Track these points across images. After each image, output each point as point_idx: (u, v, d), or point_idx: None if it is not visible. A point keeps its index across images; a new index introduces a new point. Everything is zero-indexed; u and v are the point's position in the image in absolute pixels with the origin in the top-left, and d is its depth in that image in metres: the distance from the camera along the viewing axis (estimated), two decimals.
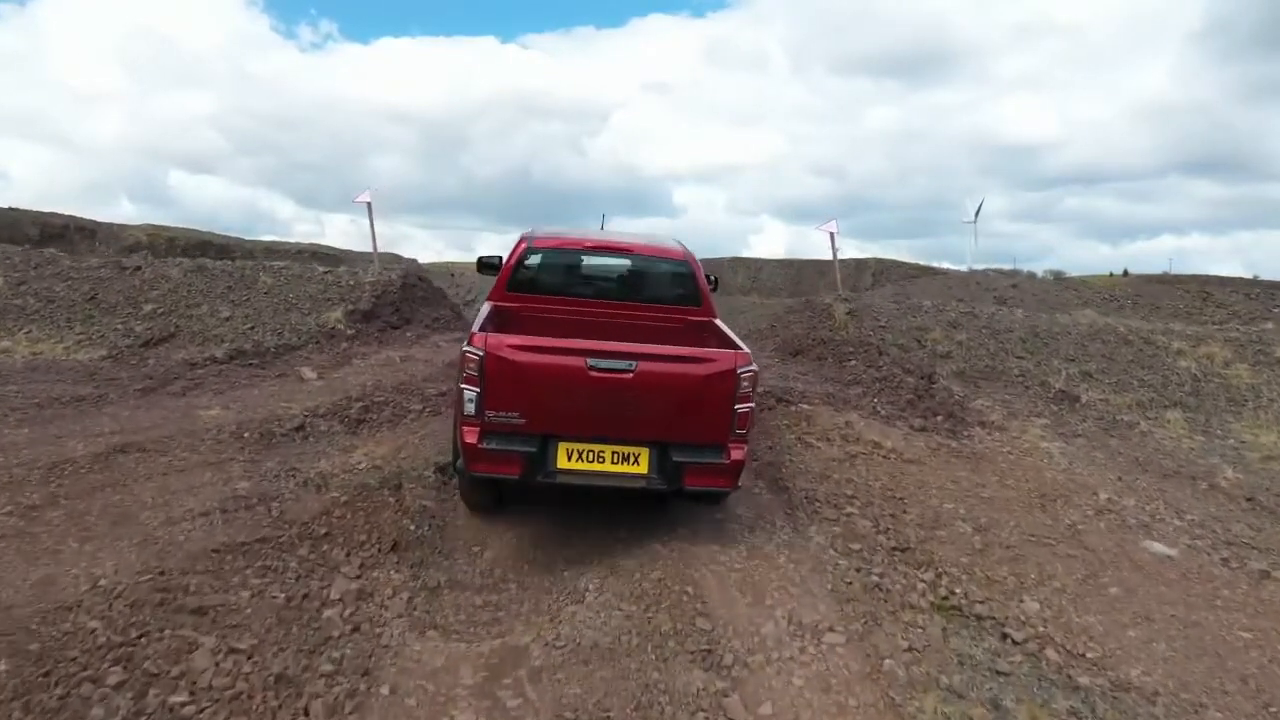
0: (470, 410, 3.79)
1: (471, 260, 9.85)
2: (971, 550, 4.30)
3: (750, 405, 3.93)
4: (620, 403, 3.79)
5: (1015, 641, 3.45)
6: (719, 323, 4.92)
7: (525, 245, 5.13)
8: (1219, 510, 5.26)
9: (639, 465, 3.89)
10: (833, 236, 10.84)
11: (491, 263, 5.65)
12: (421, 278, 11.93)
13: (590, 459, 3.87)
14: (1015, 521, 4.72)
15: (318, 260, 21.42)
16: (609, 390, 3.77)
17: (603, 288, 5.28)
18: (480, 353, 3.76)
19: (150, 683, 2.74)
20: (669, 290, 5.19)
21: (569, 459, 3.87)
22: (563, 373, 3.78)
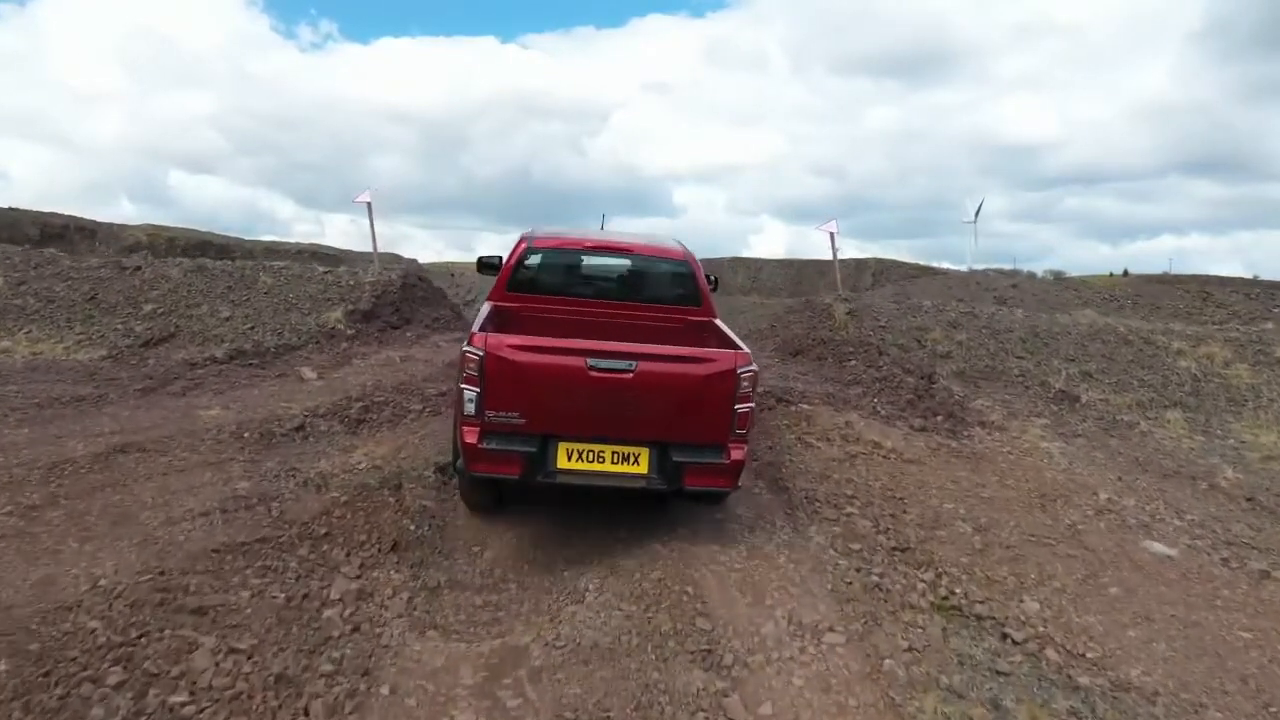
0: (470, 410, 3.79)
1: (471, 260, 9.85)
2: (971, 550, 4.30)
3: (750, 405, 3.93)
4: (620, 403, 3.79)
5: (1015, 641, 3.45)
6: (719, 323, 4.92)
7: (525, 245, 5.12)
8: (1219, 510, 5.26)
9: (639, 465, 3.89)
10: (833, 236, 10.85)
11: (491, 263, 5.64)
12: (421, 278, 11.92)
13: (590, 459, 3.87)
14: (1015, 521, 4.72)
15: (318, 260, 21.42)
16: (609, 390, 3.77)
17: (603, 288, 5.27)
18: (480, 353, 3.76)
19: (150, 683, 2.74)
20: (669, 290, 5.19)
21: (569, 459, 3.87)
22: (563, 373, 3.77)
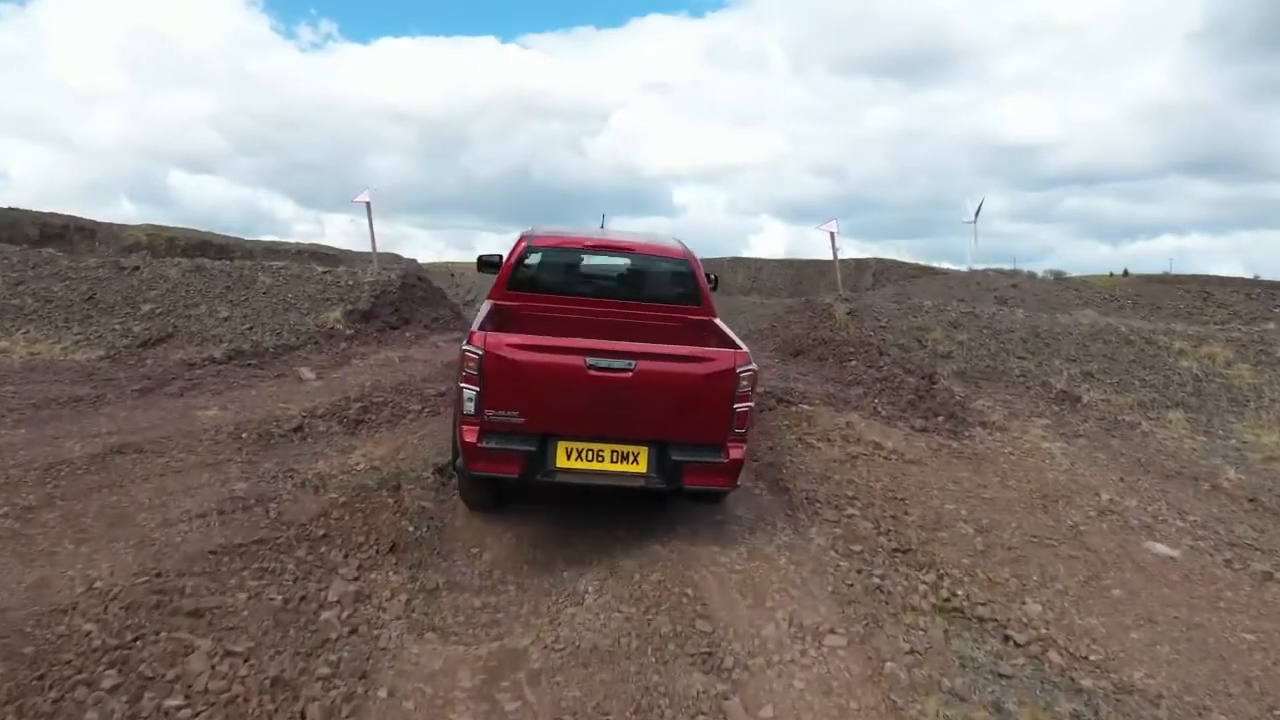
0: (470, 409, 3.79)
1: (471, 260, 9.83)
2: (973, 552, 4.28)
3: (749, 404, 3.93)
4: (619, 402, 3.78)
5: (1018, 644, 3.43)
6: (719, 322, 4.90)
7: (525, 244, 5.11)
8: (1221, 511, 5.24)
9: (638, 464, 3.88)
10: (833, 236, 10.83)
11: (491, 261, 5.64)
12: (421, 277, 11.90)
13: (589, 458, 3.87)
14: (1017, 523, 4.69)
15: (317, 260, 21.39)
16: (608, 389, 3.76)
17: (603, 286, 5.27)
18: (480, 352, 3.75)
19: (145, 686, 2.72)
20: (669, 289, 5.18)
21: (568, 458, 3.86)
22: (562, 372, 3.77)
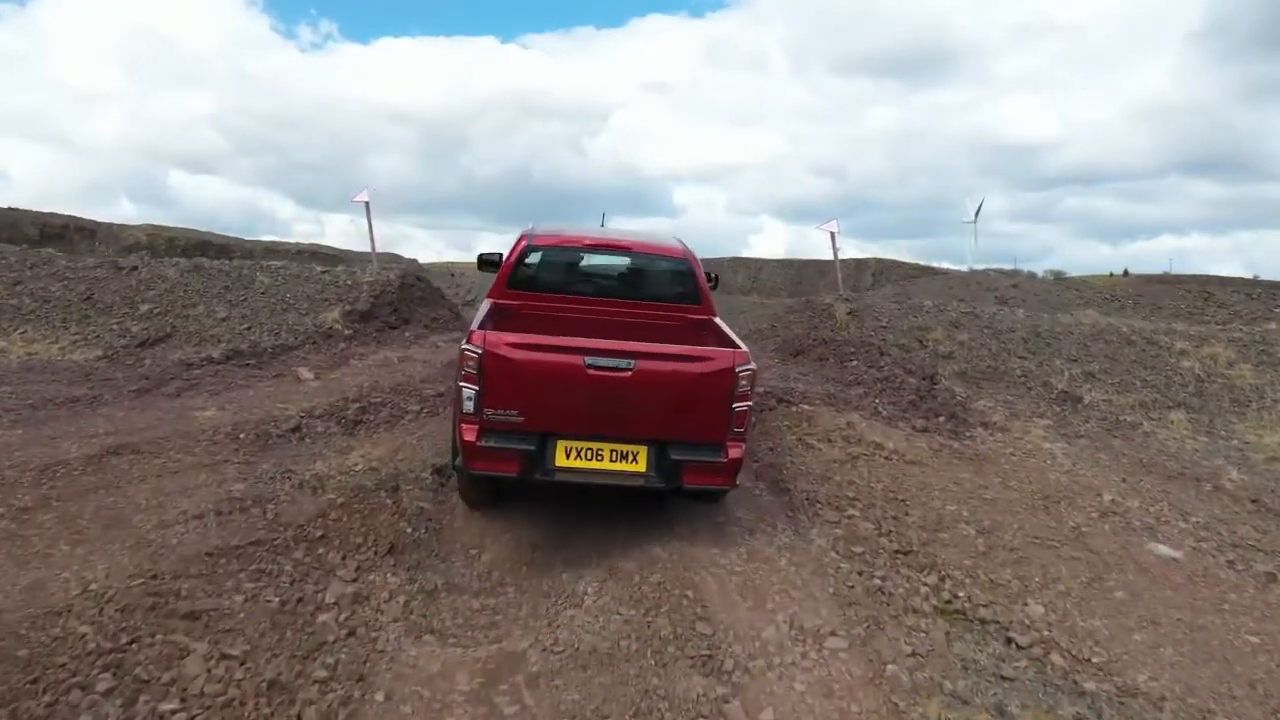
0: (469, 408, 3.79)
1: (471, 260, 9.81)
2: (975, 553, 4.25)
3: (748, 404, 3.93)
4: (618, 401, 3.78)
5: (1020, 646, 3.41)
6: (718, 321, 4.89)
7: (525, 243, 5.09)
8: (1224, 512, 5.21)
9: (637, 463, 3.88)
10: (833, 236, 10.80)
11: (492, 260, 5.63)
12: (420, 277, 11.86)
13: (589, 457, 3.87)
14: (1019, 524, 4.67)
15: (317, 260, 21.37)
16: (607, 389, 3.76)
17: (602, 285, 5.25)
18: (479, 351, 3.76)
19: (140, 689, 2.70)
20: (669, 288, 5.17)
21: (567, 457, 3.86)
22: (561, 371, 3.77)
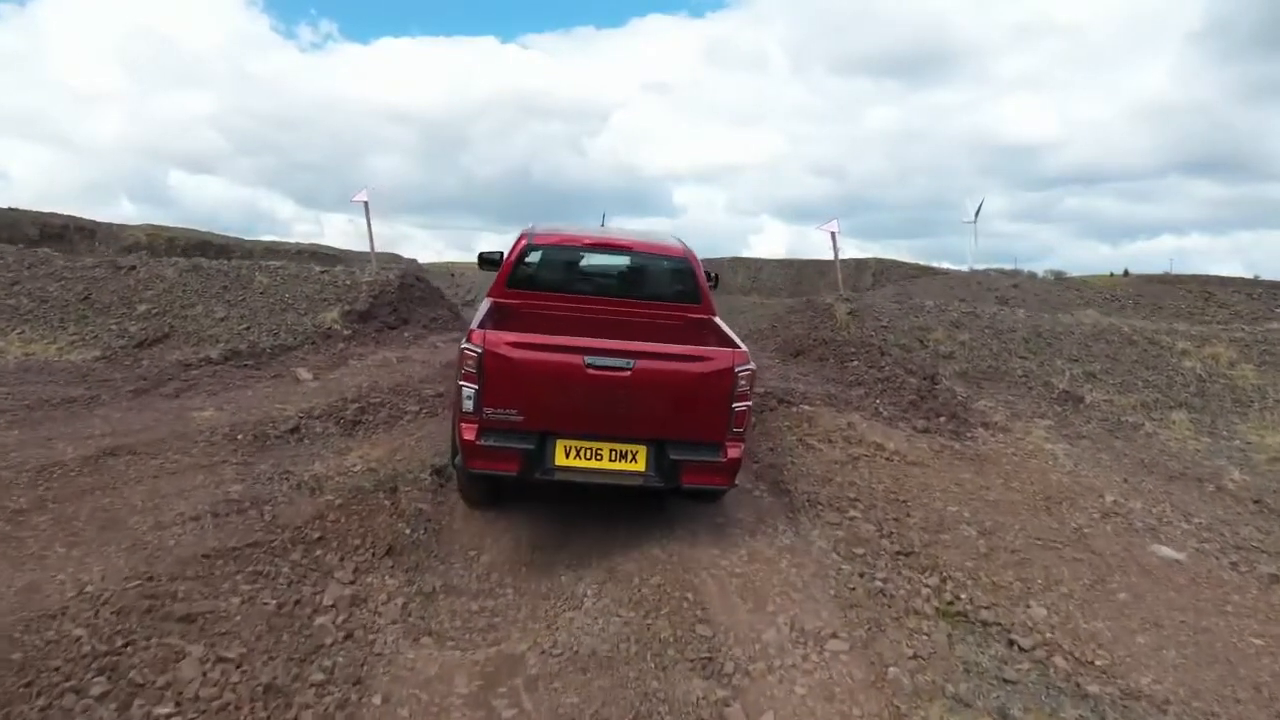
0: (469, 407, 3.79)
1: (471, 260, 9.79)
2: (976, 554, 4.23)
3: (747, 404, 3.93)
4: (618, 400, 3.78)
5: (1022, 648, 3.38)
6: (718, 321, 4.88)
7: (525, 241, 5.08)
8: (1226, 513, 5.19)
9: (636, 463, 3.88)
10: (834, 236, 10.77)
11: (492, 258, 5.62)
12: (419, 277, 11.84)
13: (588, 456, 3.86)
14: (1020, 525, 4.65)
15: (317, 260, 21.35)
16: (607, 388, 3.75)
17: (602, 285, 5.25)
18: (479, 350, 3.75)
19: (135, 693, 2.67)
20: (669, 287, 5.16)
21: (567, 456, 3.86)
22: (561, 370, 3.76)
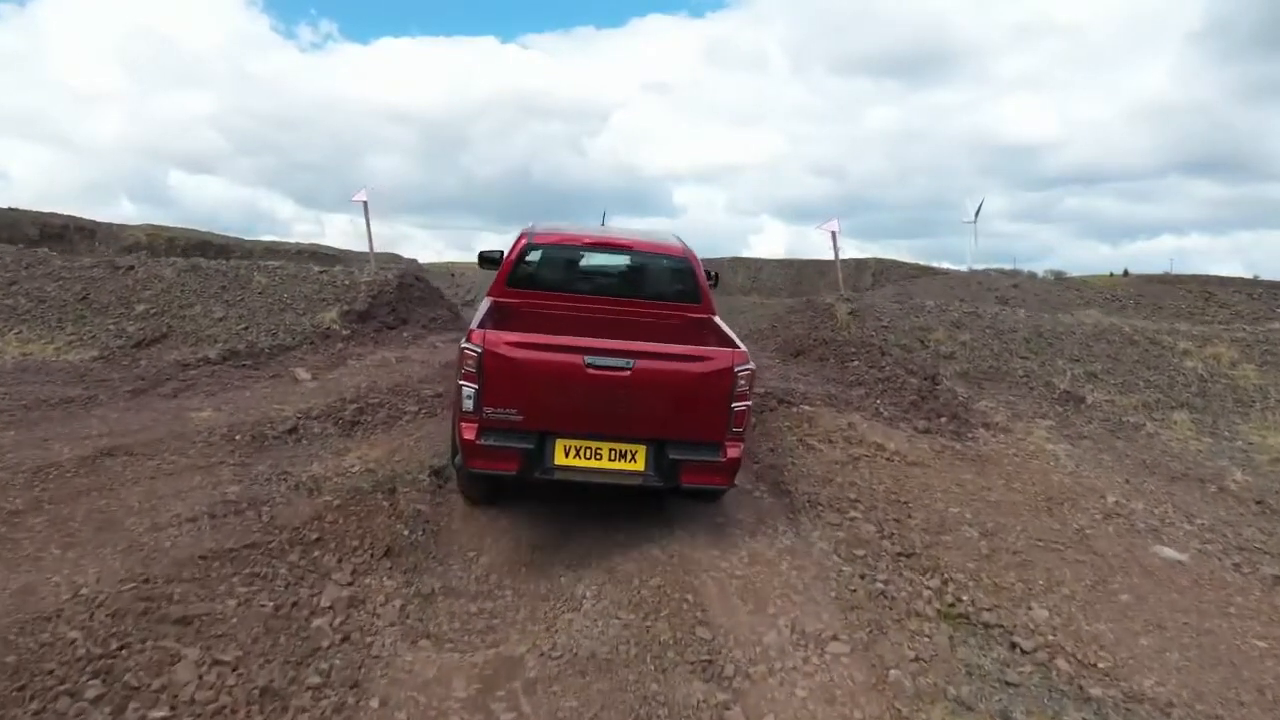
0: (469, 406, 3.80)
1: (471, 260, 9.78)
2: (978, 556, 4.20)
3: (747, 404, 3.93)
4: (617, 400, 3.77)
5: (1024, 651, 3.36)
6: (718, 320, 4.87)
7: (525, 241, 5.07)
8: (1229, 514, 5.17)
9: (636, 462, 3.88)
10: (834, 236, 10.74)
11: (492, 257, 5.62)
12: (419, 277, 11.81)
13: (588, 456, 3.87)
14: (1022, 526, 4.62)
15: (317, 260, 21.31)
16: (606, 388, 3.75)
17: (602, 284, 5.24)
18: (479, 349, 3.76)
19: (130, 696, 2.64)
20: (669, 287, 5.15)
21: (566, 455, 3.86)
22: (561, 370, 3.76)
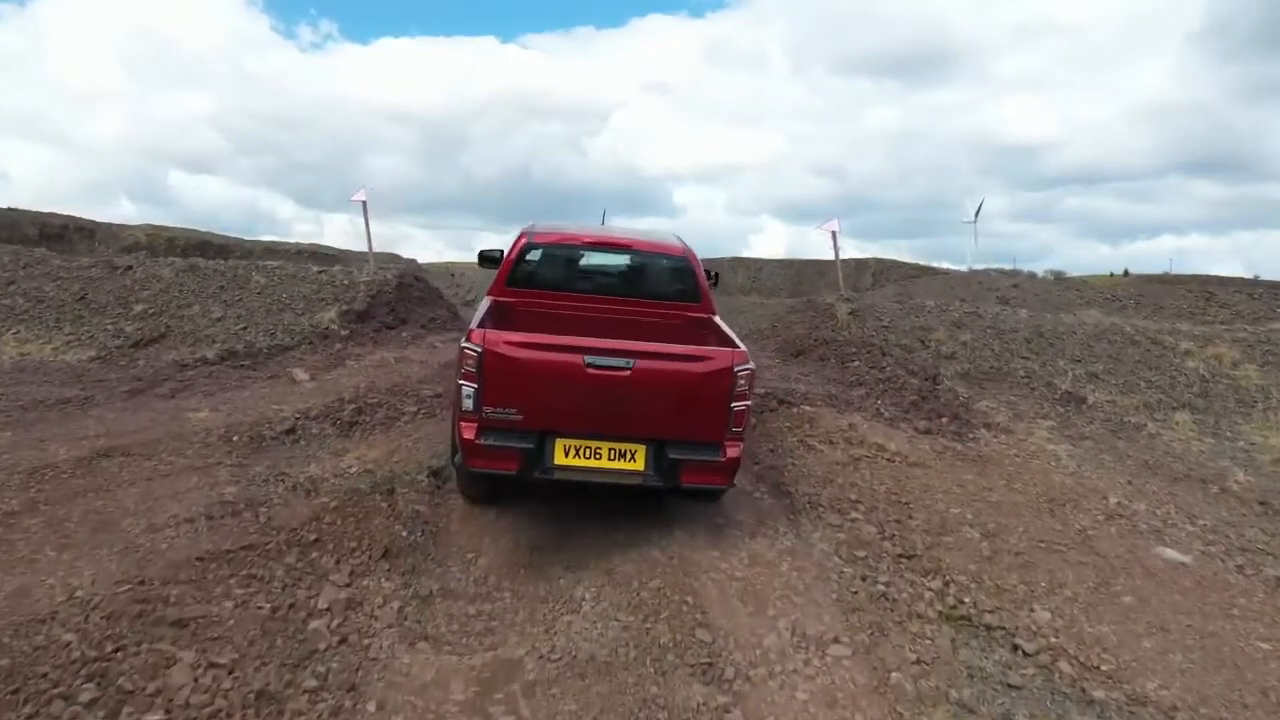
0: (469, 406, 3.79)
1: (471, 260, 9.75)
2: (980, 557, 4.18)
3: (746, 403, 3.92)
4: (617, 400, 3.76)
5: (1027, 653, 3.34)
6: (718, 320, 4.86)
7: (525, 240, 5.06)
8: (1231, 515, 5.14)
9: (636, 462, 3.87)
10: (834, 236, 10.72)
11: (492, 256, 5.61)
12: (418, 277, 11.78)
13: (587, 455, 3.86)
14: (1024, 527, 4.60)
15: (316, 260, 21.27)
16: (606, 387, 3.74)
17: (602, 283, 5.23)
18: (479, 349, 3.75)
19: (124, 700, 2.62)
20: (669, 286, 5.14)
21: (566, 455, 3.85)
22: (560, 370, 3.75)
